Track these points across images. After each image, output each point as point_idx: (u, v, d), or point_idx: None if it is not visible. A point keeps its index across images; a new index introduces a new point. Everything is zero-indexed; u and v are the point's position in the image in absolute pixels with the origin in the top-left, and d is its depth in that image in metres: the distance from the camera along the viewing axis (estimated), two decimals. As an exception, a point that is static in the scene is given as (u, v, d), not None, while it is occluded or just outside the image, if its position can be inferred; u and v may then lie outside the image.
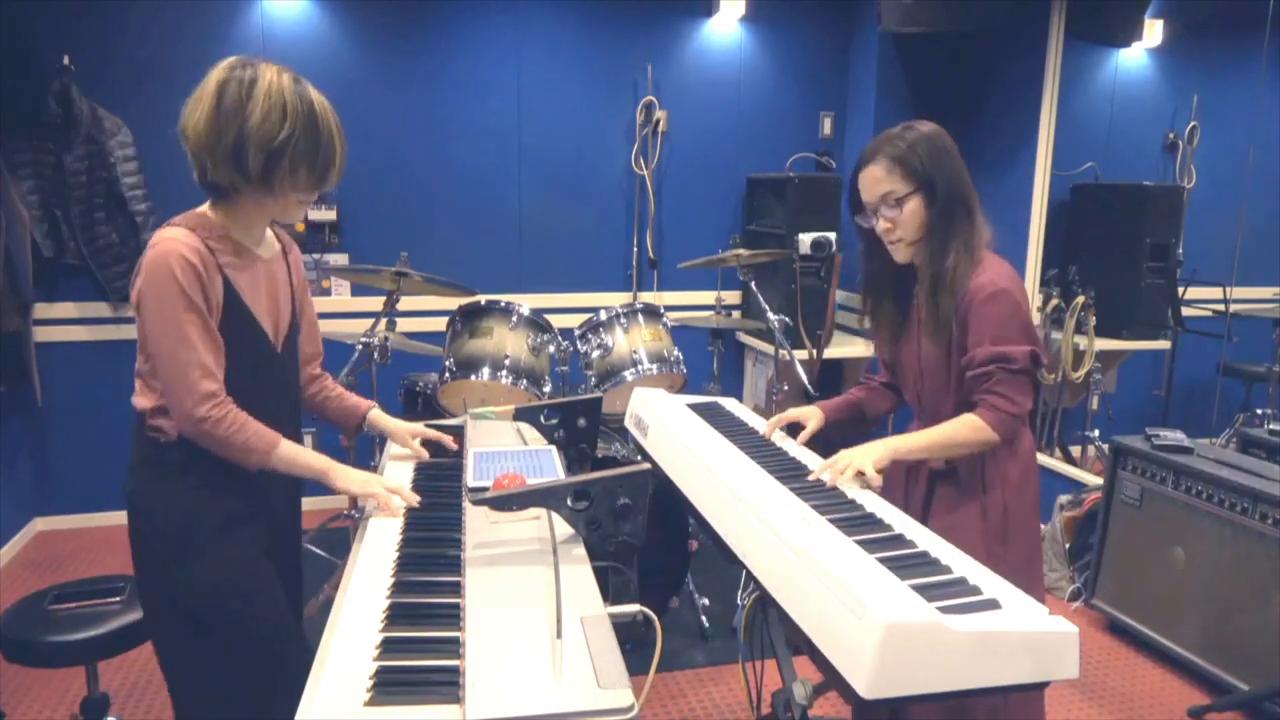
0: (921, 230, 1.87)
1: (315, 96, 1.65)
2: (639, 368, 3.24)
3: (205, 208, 1.69)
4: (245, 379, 1.68)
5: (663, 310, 3.43)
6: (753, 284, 3.67)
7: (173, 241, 1.58)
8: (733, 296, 4.80)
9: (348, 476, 1.75)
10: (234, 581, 1.69)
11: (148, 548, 1.69)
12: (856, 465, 1.76)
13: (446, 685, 1.12)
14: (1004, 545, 1.89)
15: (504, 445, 2.09)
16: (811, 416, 2.07)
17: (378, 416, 2.04)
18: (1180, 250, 4.53)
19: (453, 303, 3.41)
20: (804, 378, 3.53)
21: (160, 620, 1.72)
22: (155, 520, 1.67)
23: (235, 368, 1.66)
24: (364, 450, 3.46)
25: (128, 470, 1.73)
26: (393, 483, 1.76)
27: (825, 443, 2.06)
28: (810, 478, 1.77)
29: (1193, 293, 4.61)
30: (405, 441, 2.01)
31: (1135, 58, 4.79)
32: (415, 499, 1.73)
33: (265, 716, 1.66)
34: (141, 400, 1.69)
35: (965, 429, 1.82)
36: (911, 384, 2.02)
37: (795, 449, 1.99)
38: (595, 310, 3.39)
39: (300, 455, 1.71)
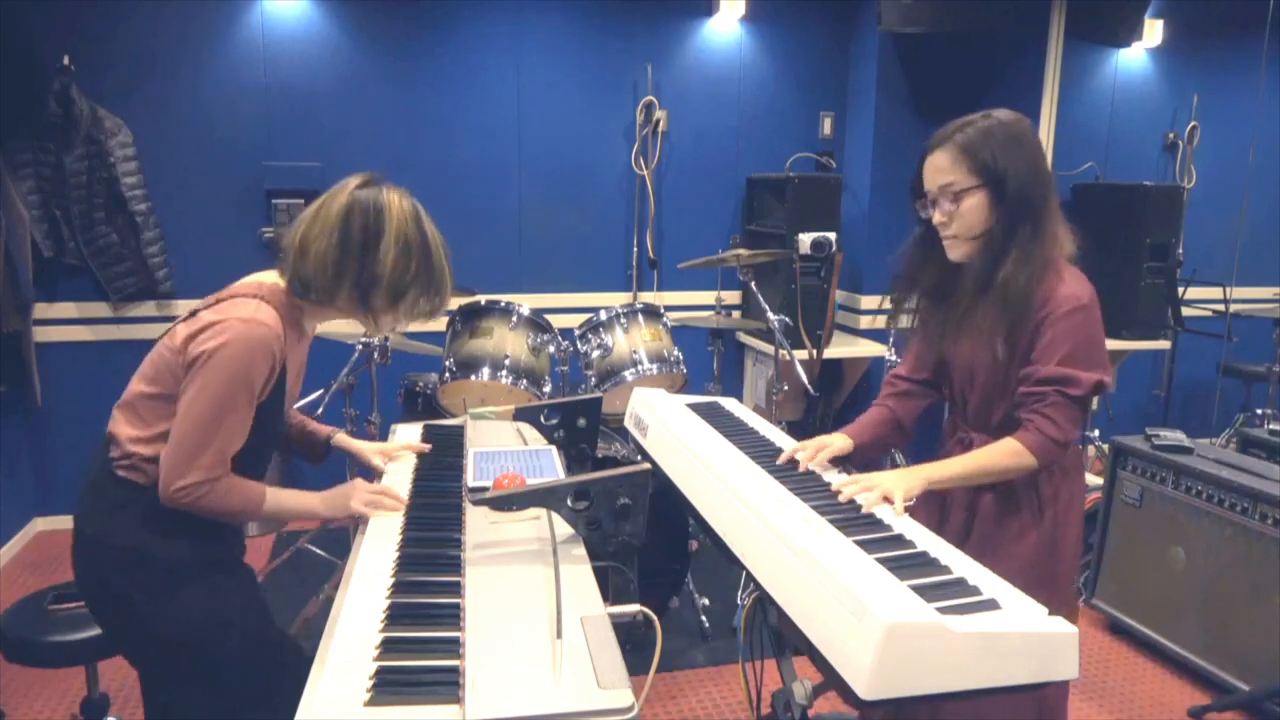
0: (982, 228, 1.73)
1: (431, 229, 1.66)
2: (639, 368, 3.24)
3: (284, 283, 1.65)
4: (257, 441, 1.66)
5: (663, 310, 3.43)
6: (753, 284, 3.67)
7: (266, 328, 1.55)
8: (733, 296, 4.80)
9: (332, 505, 1.73)
10: (217, 613, 1.66)
11: (117, 595, 1.63)
12: (885, 491, 1.65)
13: (446, 685, 1.12)
14: (1054, 555, 1.82)
15: (504, 445, 2.09)
16: (837, 443, 1.92)
17: (343, 440, 2.01)
18: (1180, 250, 4.53)
19: (453, 303, 3.40)
20: (804, 378, 3.53)
21: (148, 659, 1.70)
22: (125, 567, 1.62)
23: (252, 434, 1.63)
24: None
25: (84, 507, 1.66)
26: (375, 487, 1.75)
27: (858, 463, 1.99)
28: (841, 495, 1.67)
29: (1193, 293, 4.62)
30: (371, 460, 1.98)
31: (1135, 58, 4.79)
32: (400, 502, 1.72)
33: None
34: (128, 430, 1.62)
35: (1005, 456, 1.71)
36: (957, 386, 1.91)
37: (795, 449, 1.99)
38: (595, 310, 3.39)
39: (287, 501, 1.69)
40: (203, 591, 1.66)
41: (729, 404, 2.32)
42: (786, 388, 3.68)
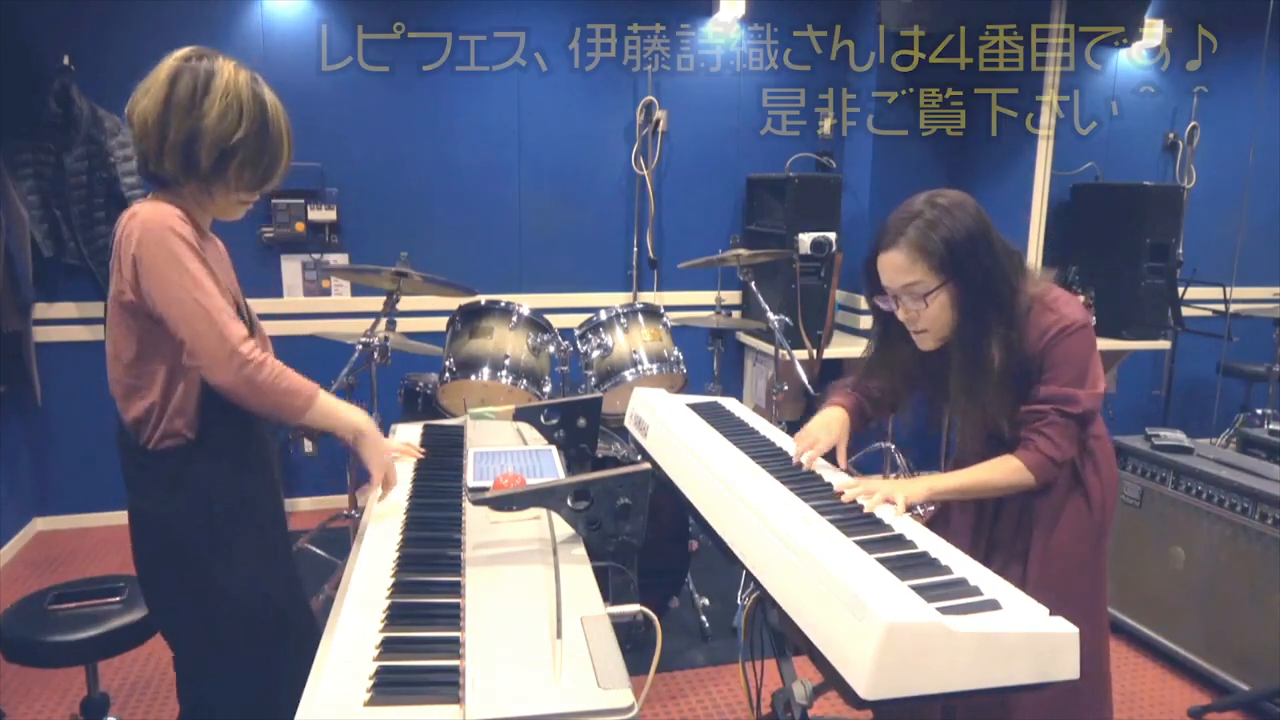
0: (951, 325, 1.74)
1: (270, 97, 1.63)
2: (639, 368, 3.24)
3: (154, 196, 1.64)
4: None
5: (663, 310, 3.43)
6: (753, 284, 3.67)
7: (157, 207, 1.55)
8: (733, 296, 4.80)
9: (376, 444, 1.70)
10: (267, 582, 1.69)
11: (172, 563, 1.65)
12: (887, 495, 1.66)
13: (446, 685, 1.12)
14: (1102, 538, 1.85)
15: (504, 445, 2.09)
16: (836, 427, 1.91)
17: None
18: (1180, 250, 4.53)
19: (453, 303, 3.41)
20: (804, 378, 3.53)
21: (185, 628, 1.71)
22: (177, 535, 1.63)
23: None
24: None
25: (131, 488, 1.67)
26: (396, 447, 1.81)
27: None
28: (844, 496, 1.68)
29: (1193, 293, 4.62)
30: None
31: (1135, 58, 4.79)
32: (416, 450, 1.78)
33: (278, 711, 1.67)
34: (136, 405, 1.61)
35: (1006, 473, 1.73)
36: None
37: (795, 449, 1.99)
38: (595, 310, 3.39)
39: (339, 409, 1.66)
40: (268, 554, 1.70)
41: (729, 404, 2.32)
42: (786, 388, 3.68)
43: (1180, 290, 4.49)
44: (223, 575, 1.64)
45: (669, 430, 2.01)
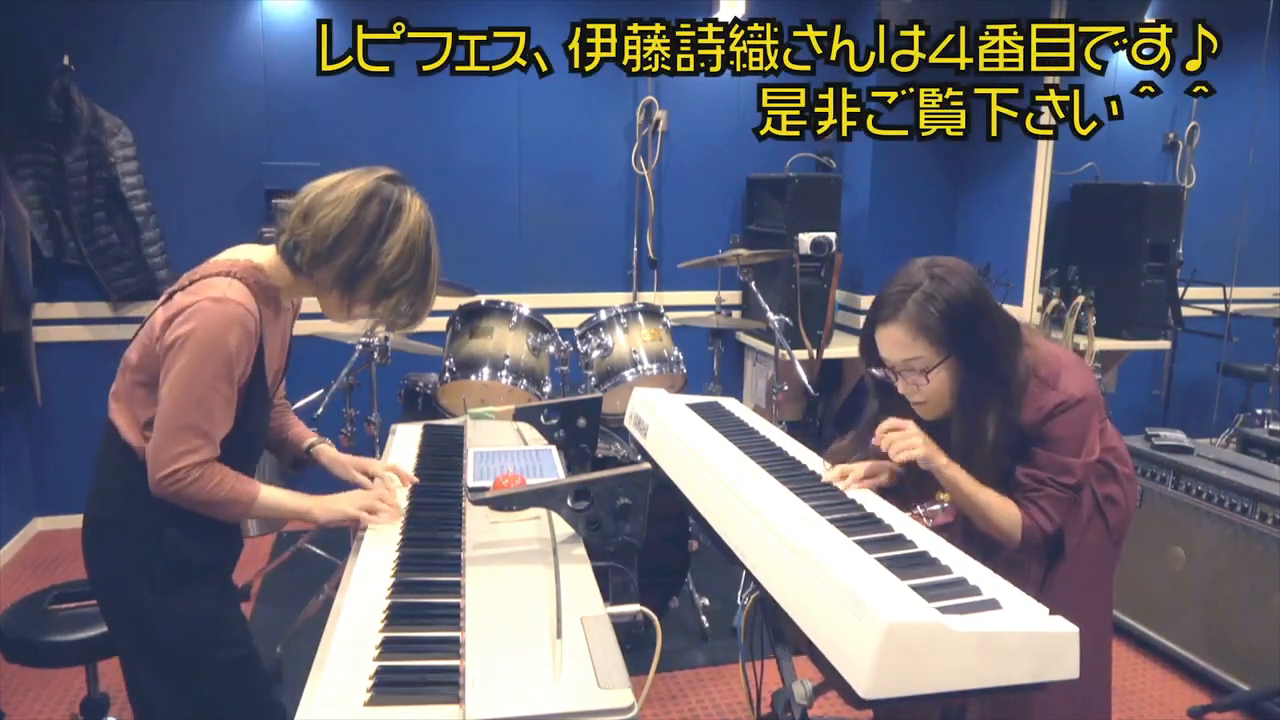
0: (951, 397, 1.71)
1: (436, 248, 1.63)
2: (639, 368, 3.24)
3: (267, 260, 1.63)
4: (241, 423, 1.63)
5: (663, 310, 3.43)
6: (753, 284, 3.67)
7: (238, 306, 1.52)
8: (733, 296, 4.79)
9: (328, 509, 1.69)
10: (213, 615, 1.67)
11: (125, 580, 1.63)
12: (915, 441, 1.66)
13: (446, 685, 1.12)
14: (1121, 542, 1.86)
15: (504, 445, 2.09)
16: (884, 471, 1.84)
17: (322, 451, 1.93)
18: (1180, 250, 4.53)
19: (453, 303, 3.41)
20: (804, 378, 3.53)
21: (134, 650, 1.69)
22: (138, 554, 1.61)
23: (237, 416, 1.61)
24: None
25: (97, 494, 1.66)
26: (374, 493, 1.72)
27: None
28: (880, 429, 1.70)
29: (1193, 293, 4.62)
30: (350, 475, 1.90)
31: (1135, 58, 4.78)
32: (398, 511, 1.68)
33: None
34: (123, 419, 1.63)
35: (1003, 516, 1.70)
36: None
37: (795, 449, 1.99)
38: (595, 310, 3.39)
39: (280, 500, 1.66)
40: (209, 593, 1.67)
41: (729, 404, 2.32)
42: (786, 388, 3.68)
43: (1180, 290, 4.49)
44: (157, 607, 1.61)
45: (669, 430, 2.01)
